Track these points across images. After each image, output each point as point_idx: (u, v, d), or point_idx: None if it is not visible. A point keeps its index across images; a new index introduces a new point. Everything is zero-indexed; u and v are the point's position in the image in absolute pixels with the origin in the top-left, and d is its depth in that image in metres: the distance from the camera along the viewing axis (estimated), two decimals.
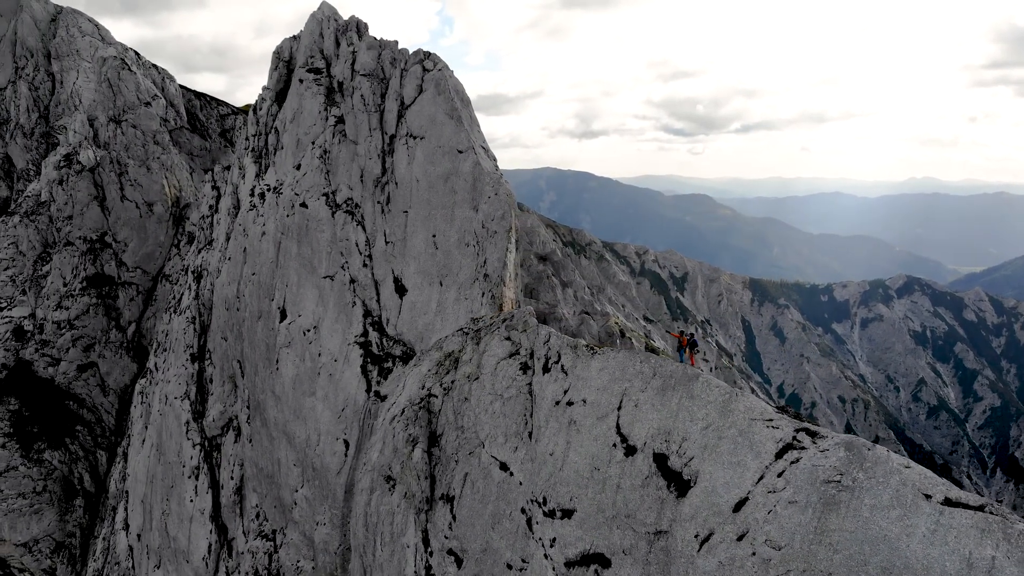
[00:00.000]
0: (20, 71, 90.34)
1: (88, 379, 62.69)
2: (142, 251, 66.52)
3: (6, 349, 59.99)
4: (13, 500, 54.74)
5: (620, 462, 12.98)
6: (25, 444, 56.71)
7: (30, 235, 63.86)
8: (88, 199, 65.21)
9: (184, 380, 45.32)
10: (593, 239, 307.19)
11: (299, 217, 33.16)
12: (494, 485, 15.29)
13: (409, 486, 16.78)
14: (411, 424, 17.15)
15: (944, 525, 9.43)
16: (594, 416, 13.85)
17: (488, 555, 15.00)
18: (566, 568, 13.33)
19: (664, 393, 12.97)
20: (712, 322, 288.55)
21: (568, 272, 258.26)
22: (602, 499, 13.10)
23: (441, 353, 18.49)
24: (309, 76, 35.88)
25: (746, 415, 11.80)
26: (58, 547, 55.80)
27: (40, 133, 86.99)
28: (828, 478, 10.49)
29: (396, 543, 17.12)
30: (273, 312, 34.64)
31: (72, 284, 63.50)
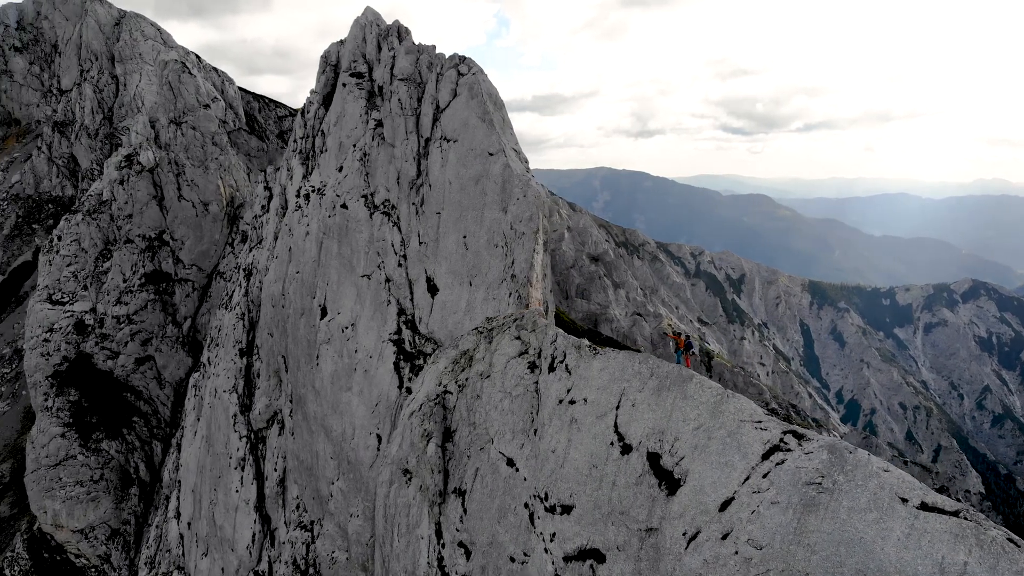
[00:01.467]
0: (85, 74, 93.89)
1: (145, 372, 64.89)
2: (198, 249, 68.65)
3: (68, 342, 62.37)
4: (71, 488, 56.93)
5: (616, 460, 13.31)
6: (84, 434, 58.91)
7: (92, 233, 66.32)
8: (147, 198, 67.53)
9: (232, 374, 46.81)
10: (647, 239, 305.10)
11: (340, 218, 34.11)
12: (501, 480, 15.74)
13: (424, 479, 17.35)
14: (426, 419, 17.73)
15: (919, 529, 9.54)
16: (594, 415, 14.21)
17: (494, 548, 15.46)
18: (564, 562, 13.71)
19: (660, 393, 13.26)
20: (769, 325, 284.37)
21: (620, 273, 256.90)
22: (599, 496, 13.45)
23: (457, 351, 19.03)
24: (352, 80, 36.82)
25: (736, 416, 12.02)
26: (113, 534, 57.89)
27: (104, 134, 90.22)
28: (810, 480, 10.67)
29: (411, 534, 17.71)
30: (314, 309, 35.70)
31: (131, 280, 65.80)
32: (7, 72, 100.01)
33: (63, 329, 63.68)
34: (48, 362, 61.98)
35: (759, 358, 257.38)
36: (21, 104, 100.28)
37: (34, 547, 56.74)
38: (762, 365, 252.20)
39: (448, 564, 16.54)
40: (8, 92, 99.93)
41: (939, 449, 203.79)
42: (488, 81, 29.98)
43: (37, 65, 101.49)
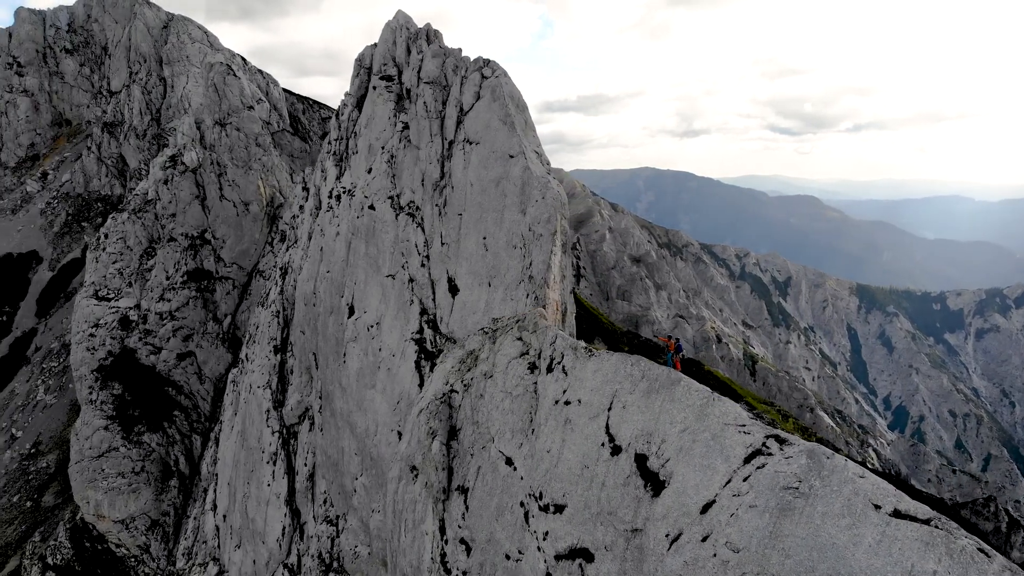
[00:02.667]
0: (134, 75, 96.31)
1: (186, 367, 66.46)
2: (238, 248, 70.11)
3: (112, 337, 64.15)
4: (113, 479, 58.55)
5: (606, 461, 13.47)
6: (126, 426, 60.54)
7: (137, 231, 68.14)
8: (190, 198, 69.17)
9: (267, 370, 47.82)
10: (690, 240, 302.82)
11: (367, 219, 34.70)
12: (500, 479, 16.00)
13: (429, 476, 17.69)
14: (432, 418, 18.07)
15: (890, 536, 9.55)
16: (587, 416, 14.39)
17: (491, 545, 15.73)
18: (555, 560, 13.92)
19: (649, 396, 13.39)
20: (816, 329, 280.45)
21: (663, 274, 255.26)
22: (589, 496, 13.63)
23: (464, 351, 19.34)
24: (382, 83, 37.40)
25: (720, 420, 12.10)
26: (153, 525, 59.39)
27: (152, 135, 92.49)
28: (787, 484, 10.72)
29: (417, 530, 18.07)
30: (343, 308, 36.37)
31: (174, 278, 67.46)
32: (58, 74, 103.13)
33: (108, 324, 65.46)
34: (93, 356, 63.80)
35: (805, 362, 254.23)
36: (72, 105, 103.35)
37: (76, 536, 58.47)
38: (808, 370, 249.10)
39: (450, 560, 16.86)
40: (59, 93, 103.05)
41: (989, 458, 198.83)
42: (511, 84, 30.24)
43: (87, 67, 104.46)
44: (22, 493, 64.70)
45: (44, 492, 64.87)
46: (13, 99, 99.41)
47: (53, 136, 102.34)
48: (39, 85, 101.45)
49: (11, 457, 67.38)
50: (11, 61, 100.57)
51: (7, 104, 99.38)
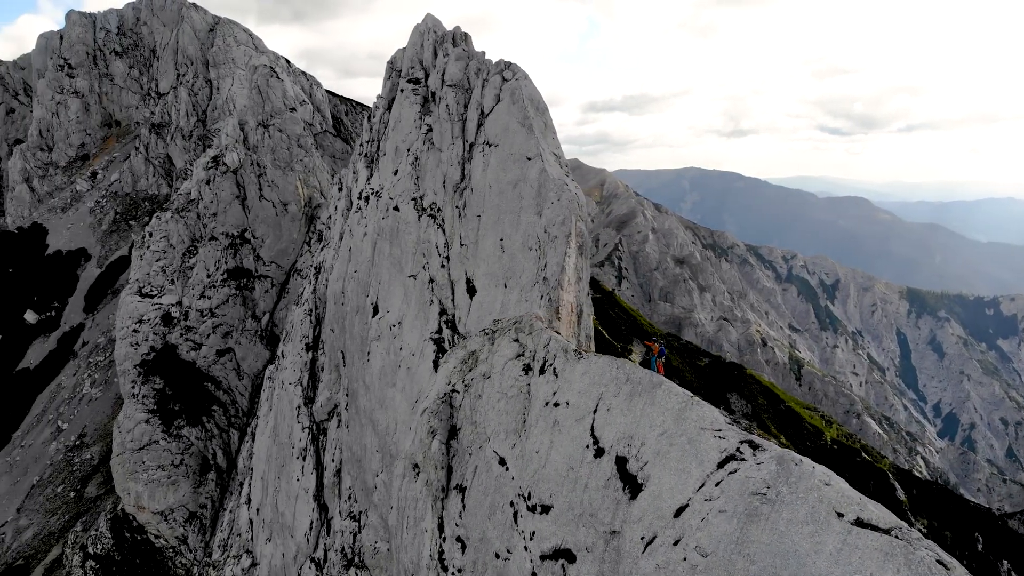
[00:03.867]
0: (181, 78, 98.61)
1: (225, 363, 67.91)
2: (277, 247, 71.44)
3: (155, 333, 65.85)
4: (153, 471, 60.11)
5: (590, 463, 13.62)
6: (166, 420, 62.10)
7: (180, 230, 69.84)
8: (231, 198, 70.67)
9: (298, 367, 48.72)
10: (736, 242, 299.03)
11: (392, 220, 35.21)
12: (493, 479, 16.23)
13: (429, 475, 18.01)
14: (433, 417, 18.39)
15: (850, 545, 9.56)
16: (573, 418, 14.55)
17: (484, 543, 15.97)
18: (540, 560, 14.10)
19: (632, 399, 13.50)
20: (864, 333, 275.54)
21: (707, 276, 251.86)
22: (573, 497, 13.79)
23: (466, 351, 19.61)
24: (409, 86, 37.90)
25: (697, 424, 12.17)
26: (191, 517, 60.83)
27: (198, 135, 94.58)
28: (756, 490, 10.77)
29: (417, 527, 18.40)
30: (367, 307, 36.96)
31: (214, 276, 68.99)
32: (108, 75, 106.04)
33: (151, 321, 67.21)
34: (136, 351, 65.56)
35: (852, 367, 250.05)
36: (121, 106, 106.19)
37: (116, 527, 60.15)
38: (855, 375, 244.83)
39: (447, 558, 17.16)
40: (109, 95, 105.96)
41: None
42: (531, 87, 30.44)
43: (136, 69, 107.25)
44: (66, 484, 66.74)
45: (87, 483, 66.82)
46: (64, 100, 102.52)
47: (103, 136, 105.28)
48: (89, 87, 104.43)
49: (56, 448, 69.54)
50: (62, 63, 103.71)
51: (58, 105, 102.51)
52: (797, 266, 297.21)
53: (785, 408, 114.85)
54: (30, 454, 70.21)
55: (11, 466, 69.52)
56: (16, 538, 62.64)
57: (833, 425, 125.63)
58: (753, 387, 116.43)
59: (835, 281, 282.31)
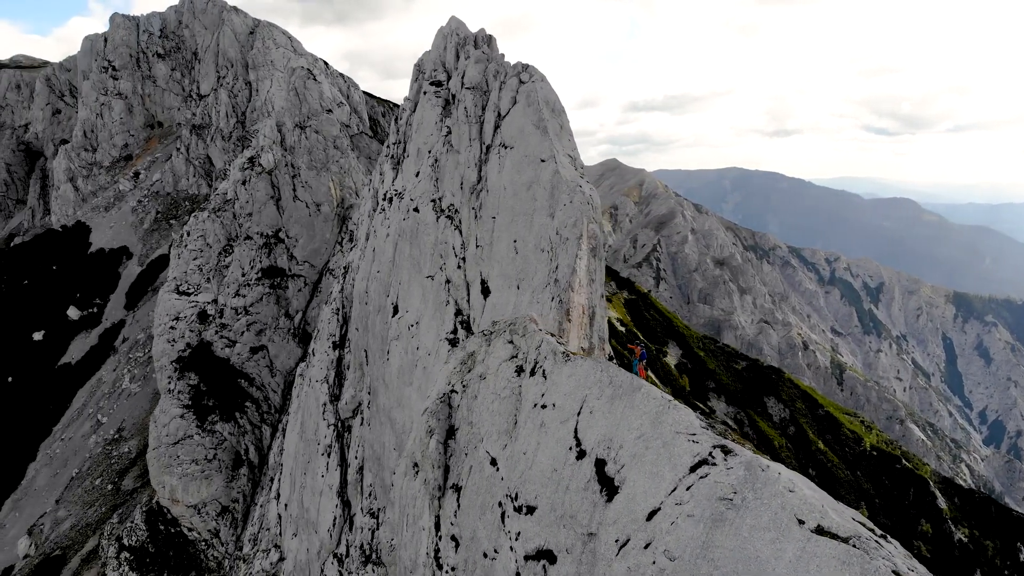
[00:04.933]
0: (221, 80, 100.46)
1: (259, 361, 69.06)
2: (310, 247, 72.46)
3: (191, 330, 67.24)
4: (187, 465, 61.36)
5: (572, 465, 13.72)
6: (201, 416, 63.35)
7: (216, 229, 71.19)
8: (266, 198, 71.87)
9: (325, 365, 49.43)
10: (778, 243, 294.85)
11: (412, 221, 35.61)
12: (484, 479, 16.40)
13: (427, 473, 18.26)
14: (431, 416, 18.63)
15: (809, 552, 9.53)
16: (559, 420, 14.65)
17: (474, 543, 16.15)
18: (524, 560, 14.23)
19: (613, 402, 13.57)
20: (909, 337, 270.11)
21: (747, 278, 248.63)
22: (555, 499, 13.89)
23: (465, 352, 19.79)
24: (431, 89, 38.27)
25: (672, 428, 12.19)
26: (223, 511, 61.97)
27: (237, 137, 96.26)
28: (723, 495, 10.77)
29: (415, 525, 18.66)
30: (388, 307, 37.43)
31: (249, 274, 70.21)
32: (151, 77, 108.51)
33: (187, 318, 68.63)
34: (173, 348, 67.02)
35: (896, 372, 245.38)
36: (163, 108, 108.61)
37: (151, 519, 61.51)
38: (899, 380, 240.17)
39: (443, 556, 17.37)
40: (152, 96, 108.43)
41: None
42: (547, 89, 30.54)
43: (178, 71, 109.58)
44: (104, 476, 68.44)
45: (124, 476, 68.43)
46: (108, 101, 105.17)
47: (145, 137, 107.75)
48: (132, 88, 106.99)
49: (95, 442, 71.37)
50: (106, 65, 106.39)
51: (102, 106, 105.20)
52: (840, 268, 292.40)
53: (824, 413, 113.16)
54: (70, 447, 72.18)
55: (51, 458, 71.57)
56: (54, 529, 64.45)
57: (873, 431, 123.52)
58: (791, 391, 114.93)
59: (879, 284, 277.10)
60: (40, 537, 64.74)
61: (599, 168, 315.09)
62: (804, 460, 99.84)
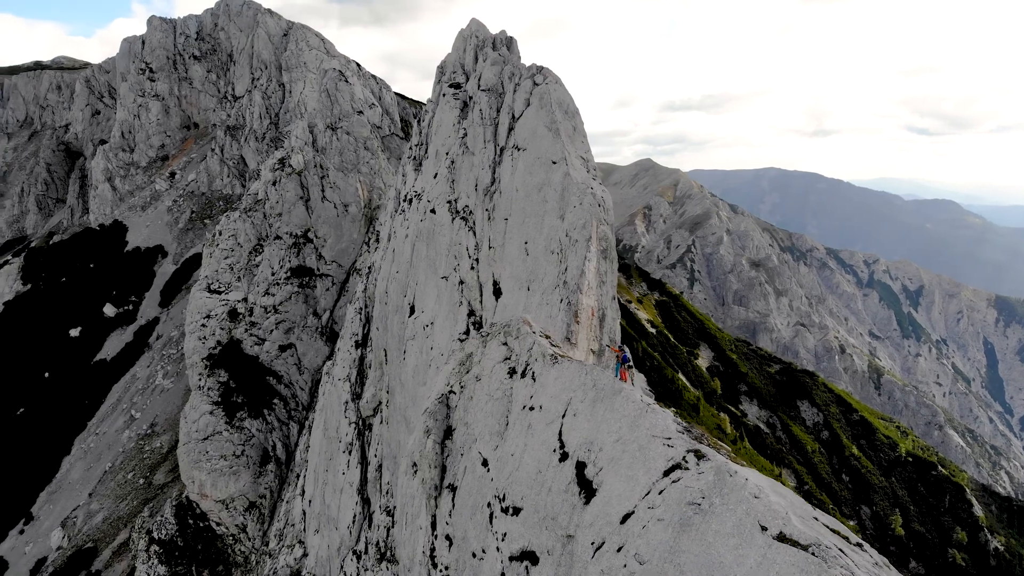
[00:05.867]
0: (255, 81, 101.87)
1: (287, 358, 69.94)
2: (338, 247, 73.23)
3: (221, 328, 68.33)
4: (216, 461, 62.34)
5: (555, 467, 13.82)
6: (230, 412, 64.33)
7: (247, 229, 72.25)
8: (295, 199, 72.79)
9: (347, 364, 49.96)
10: (816, 245, 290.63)
11: (428, 222, 35.91)
12: (476, 479, 16.56)
13: (424, 473, 18.46)
14: (429, 417, 18.83)
15: (769, 559, 9.54)
16: (544, 422, 14.75)
17: (465, 543, 16.32)
18: (509, 561, 14.36)
19: (595, 405, 13.64)
20: (949, 342, 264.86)
21: (784, 280, 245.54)
22: (539, 501, 14.00)
23: (464, 353, 19.95)
24: (450, 91, 38.52)
25: (648, 432, 12.23)
26: (250, 506, 62.86)
27: (270, 138, 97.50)
28: (692, 500, 10.81)
29: (413, 523, 18.88)
30: (405, 307, 37.78)
31: (278, 273, 71.15)
32: (187, 79, 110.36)
33: (218, 316, 69.73)
34: (204, 345, 68.16)
35: (935, 377, 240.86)
36: (199, 109, 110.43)
37: (181, 513, 62.62)
38: (939, 385, 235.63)
39: (437, 555, 17.58)
40: (188, 98, 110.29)
41: None
42: (560, 90, 30.60)
43: (214, 73, 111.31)
44: (136, 471, 69.83)
45: (156, 471, 69.75)
46: (145, 103, 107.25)
47: (181, 138, 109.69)
48: (169, 90, 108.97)
49: (128, 437, 72.85)
50: (144, 67, 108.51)
51: (140, 107, 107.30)
52: (879, 271, 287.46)
53: (858, 418, 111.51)
54: (104, 441, 73.78)
55: (86, 452, 73.23)
56: (87, 521, 65.95)
57: (909, 436, 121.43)
58: (825, 395, 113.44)
59: (919, 287, 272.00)
60: (73, 529, 66.29)
61: (633, 168, 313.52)
62: (838, 465, 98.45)
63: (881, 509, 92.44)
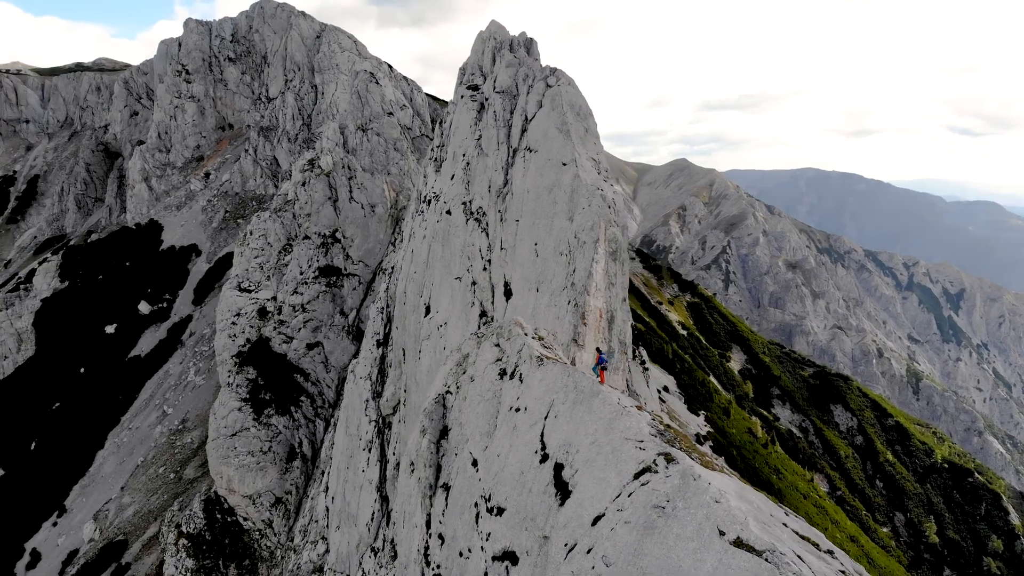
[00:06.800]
0: (288, 83, 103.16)
1: (314, 357, 70.76)
2: (365, 247, 73.94)
3: (251, 326, 69.36)
4: (244, 457, 63.29)
5: (536, 468, 13.93)
6: (257, 409, 65.25)
7: (276, 229, 73.26)
8: (323, 199, 73.64)
9: (369, 363, 50.47)
10: (854, 247, 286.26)
11: (444, 223, 36.20)
12: (466, 479, 16.72)
13: (420, 472, 18.68)
14: (426, 416, 19.04)
15: (725, 564, 9.59)
16: (528, 423, 14.86)
17: (454, 542, 16.49)
18: (492, 561, 14.50)
19: (575, 407, 13.72)
20: (990, 347, 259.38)
21: (821, 282, 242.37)
22: (520, 501, 14.11)
23: (460, 354, 20.11)
24: (468, 93, 38.77)
25: (622, 435, 12.29)
26: (277, 502, 63.71)
27: (303, 139, 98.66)
28: (657, 503, 10.86)
29: (410, 522, 19.10)
30: (421, 307, 38.11)
31: (307, 273, 72.04)
32: (222, 81, 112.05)
33: (248, 314, 70.77)
34: (233, 343, 69.24)
35: (976, 382, 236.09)
36: (234, 110, 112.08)
37: (209, 508, 63.64)
38: (979, 390, 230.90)
39: (431, 553, 17.78)
40: (223, 99, 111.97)
41: None
42: (572, 92, 30.65)
43: (248, 75, 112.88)
44: (167, 465, 71.15)
45: (186, 465, 70.99)
46: (181, 104, 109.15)
47: (216, 139, 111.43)
48: (205, 91, 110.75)
49: (161, 432, 74.25)
50: (180, 69, 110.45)
51: (176, 109, 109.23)
52: (919, 273, 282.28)
53: (894, 423, 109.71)
54: (137, 436, 75.29)
55: (119, 447, 74.81)
56: (119, 515, 67.36)
57: (945, 443, 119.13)
58: (860, 400, 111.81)
59: (960, 290, 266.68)
60: (104, 522, 67.73)
61: (667, 168, 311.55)
62: (871, 471, 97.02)
63: (915, 516, 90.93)
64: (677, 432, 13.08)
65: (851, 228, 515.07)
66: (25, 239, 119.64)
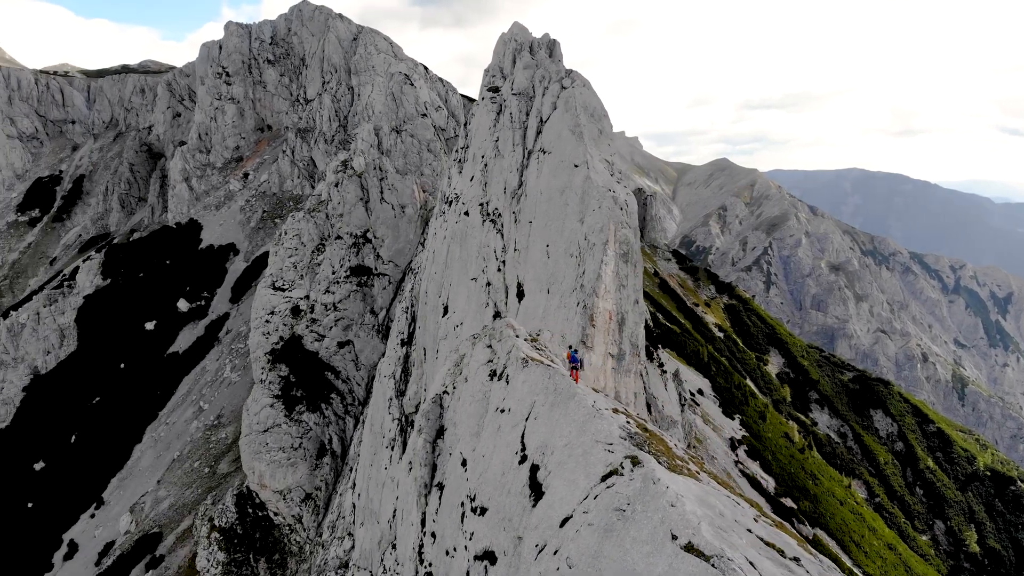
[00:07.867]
0: (325, 85, 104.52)
1: (345, 355, 71.64)
2: (395, 247, 74.66)
3: (284, 324, 70.48)
4: (275, 453, 64.34)
5: (515, 469, 14.06)
6: (289, 405, 66.27)
7: (310, 229, 74.33)
8: (356, 200, 74.54)
9: (393, 361, 50.97)
10: (899, 249, 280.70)
11: (462, 224, 36.48)
12: (456, 479, 16.91)
13: (416, 472, 18.92)
14: (422, 416, 19.28)
15: (675, 568, 9.63)
16: (511, 424, 15.00)
17: (443, 540, 16.71)
18: (474, 560, 14.68)
19: (553, 409, 13.82)
20: None
21: (864, 284, 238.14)
22: (500, 501, 14.26)
23: (457, 355, 20.29)
24: (488, 95, 39.00)
25: (593, 437, 12.36)
26: (306, 498, 64.63)
27: (339, 140, 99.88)
28: (619, 506, 10.93)
29: (406, 520, 19.36)
30: (439, 307, 38.43)
31: (339, 272, 72.98)
32: (261, 83, 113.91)
33: (281, 312, 71.90)
34: (267, 340, 70.41)
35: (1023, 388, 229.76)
36: (272, 112, 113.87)
37: (241, 502, 64.81)
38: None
39: (425, 551, 18.02)
40: (262, 101, 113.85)
41: None
42: (587, 94, 30.68)
43: (287, 76, 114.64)
44: (202, 460, 72.60)
45: (220, 460, 72.38)
46: (222, 105, 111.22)
47: (255, 140, 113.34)
48: (244, 93, 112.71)
49: (196, 427, 75.79)
50: (220, 71, 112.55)
51: (216, 110, 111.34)
52: (966, 276, 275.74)
53: (935, 429, 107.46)
54: (173, 431, 76.96)
55: (156, 441, 76.53)
56: (154, 508, 68.93)
57: (988, 450, 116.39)
58: (900, 405, 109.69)
59: (1008, 294, 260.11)
60: (140, 515, 69.35)
61: (708, 168, 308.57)
62: (911, 478, 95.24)
63: (956, 524, 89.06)
64: (652, 435, 13.11)
65: (896, 230, 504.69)
66: (70, 237, 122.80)
